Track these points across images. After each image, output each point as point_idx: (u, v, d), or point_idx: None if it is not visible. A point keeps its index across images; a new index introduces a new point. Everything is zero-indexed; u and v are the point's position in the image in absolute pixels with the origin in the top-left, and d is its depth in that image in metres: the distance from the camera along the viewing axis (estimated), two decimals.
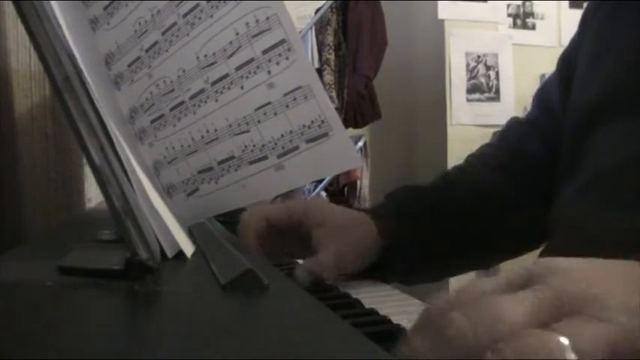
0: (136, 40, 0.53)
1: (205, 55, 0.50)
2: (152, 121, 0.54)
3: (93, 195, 0.90)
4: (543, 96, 0.81)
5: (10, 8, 0.69)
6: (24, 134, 0.74)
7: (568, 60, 0.73)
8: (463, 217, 0.74)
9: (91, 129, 0.40)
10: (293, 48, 0.47)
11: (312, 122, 0.48)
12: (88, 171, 0.83)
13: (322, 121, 0.48)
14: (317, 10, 2.96)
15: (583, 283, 0.30)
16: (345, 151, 0.49)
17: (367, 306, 0.53)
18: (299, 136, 0.49)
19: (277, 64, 0.48)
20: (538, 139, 0.78)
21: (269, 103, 0.49)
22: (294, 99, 0.48)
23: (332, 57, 2.92)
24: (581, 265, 0.33)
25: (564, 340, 0.27)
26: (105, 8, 0.53)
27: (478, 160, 0.85)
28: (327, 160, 0.49)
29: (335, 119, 0.48)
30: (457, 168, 0.83)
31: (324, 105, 0.48)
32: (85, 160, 0.40)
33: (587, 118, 0.64)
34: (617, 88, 0.61)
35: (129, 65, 0.53)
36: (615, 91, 0.61)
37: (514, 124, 0.89)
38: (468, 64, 2.97)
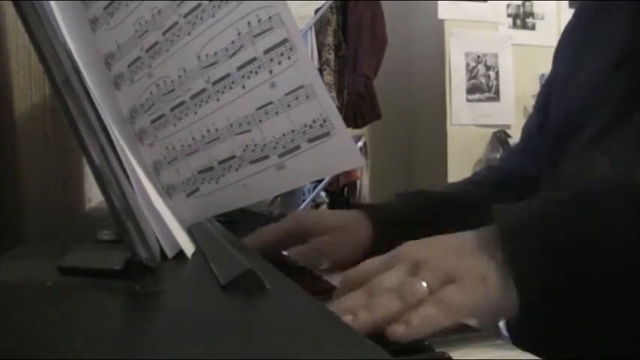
0: (136, 40, 0.53)
1: (206, 55, 0.50)
2: (152, 121, 0.54)
3: (93, 195, 0.90)
4: (525, 133, 0.86)
5: (10, 8, 0.69)
6: (24, 134, 0.74)
7: (545, 92, 0.79)
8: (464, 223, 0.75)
9: (91, 129, 0.40)
10: (295, 47, 0.47)
11: (314, 121, 0.48)
12: (88, 171, 0.83)
13: (324, 121, 0.48)
14: (317, 10, 2.95)
15: (443, 259, 0.45)
16: (347, 150, 0.49)
17: None
18: (300, 136, 0.49)
19: (279, 63, 0.48)
20: (533, 164, 0.80)
21: (270, 103, 0.49)
22: (296, 98, 0.48)
23: (332, 57, 2.92)
24: (427, 241, 0.48)
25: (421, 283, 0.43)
26: (105, 8, 0.53)
27: (482, 175, 0.87)
28: (328, 160, 0.49)
29: (337, 118, 0.48)
30: (463, 182, 0.85)
31: (325, 104, 0.47)
32: (85, 160, 0.40)
33: (567, 125, 0.67)
34: (591, 100, 0.64)
35: (129, 65, 0.53)
36: (590, 102, 0.64)
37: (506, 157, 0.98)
38: (467, 64, 2.97)
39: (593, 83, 0.65)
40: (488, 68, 2.99)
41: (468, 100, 2.96)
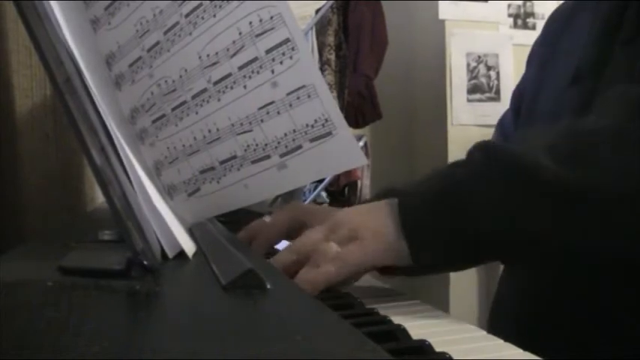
0: (137, 40, 0.53)
1: (208, 55, 0.50)
2: (154, 121, 0.54)
3: (94, 195, 0.90)
4: (500, 127, 0.93)
5: (10, 8, 0.69)
6: (24, 134, 0.74)
7: (518, 93, 0.86)
8: None
9: (92, 129, 0.40)
10: (297, 47, 0.47)
11: (316, 121, 0.48)
12: (88, 171, 0.83)
13: (326, 120, 0.48)
14: (317, 11, 2.95)
15: (352, 219, 0.56)
16: (349, 149, 0.49)
17: (368, 306, 0.53)
18: (302, 135, 0.49)
19: (281, 63, 0.48)
20: None
21: (272, 103, 0.49)
22: (298, 98, 0.48)
23: (332, 57, 2.92)
24: (351, 209, 0.59)
25: (332, 245, 0.54)
26: (106, 8, 0.53)
27: None
28: (330, 159, 0.49)
29: (339, 118, 0.48)
30: None
31: (328, 104, 0.47)
32: (85, 160, 0.40)
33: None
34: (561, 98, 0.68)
35: (130, 65, 0.53)
36: (550, 115, 0.71)
37: None
38: (468, 65, 2.97)
39: (553, 97, 0.71)
40: (489, 68, 2.99)
41: (469, 101, 2.96)
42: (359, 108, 2.86)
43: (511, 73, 2.99)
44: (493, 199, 0.51)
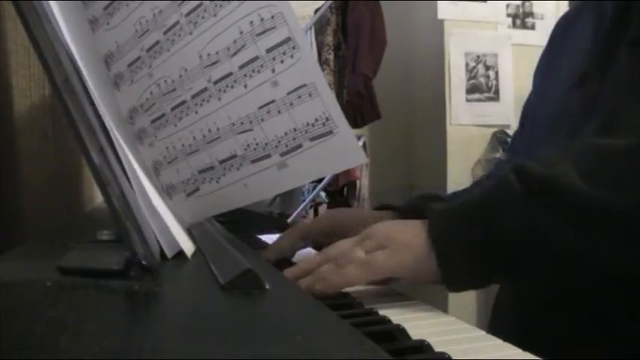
0: (136, 40, 0.52)
1: (208, 54, 0.50)
2: (153, 121, 0.54)
3: (93, 195, 0.90)
4: (511, 144, 0.95)
5: (10, 8, 0.69)
6: (23, 134, 0.74)
7: (525, 109, 0.87)
8: None
9: (90, 129, 0.39)
10: (298, 46, 0.47)
11: (317, 120, 0.48)
12: (87, 171, 0.83)
13: (327, 119, 0.48)
14: (316, 10, 2.95)
15: (386, 231, 0.56)
16: (350, 148, 0.49)
17: (367, 306, 0.53)
18: (303, 134, 0.49)
19: (282, 62, 0.47)
20: None
21: (273, 102, 0.49)
22: (299, 97, 0.48)
23: (331, 57, 2.92)
24: (387, 222, 0.59)
25: (360, 250, 0.55)
26: (105, 8, 0.53)
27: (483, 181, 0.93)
28: (331, 158, 0.49)
29: (340, 117, 0.48)
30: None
31: (328, 103, 0.47)
32: (84, 160, 0.40)
33: (535, 141, 0.74)
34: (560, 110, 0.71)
35: (129, 65, 0.53)
36: (553, 118, 0.72)
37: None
38: (467, 64, 2.97)
39: (558, 98, 0.72)
40: (487, 68, 2.99)
41: (468, 100, 2.95)
42: (358, 108, 2.86)
43: (510, 73, 2.99)
44: (528, 221, 0.52)
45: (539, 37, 3.01)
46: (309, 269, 0.56)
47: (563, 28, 0.80)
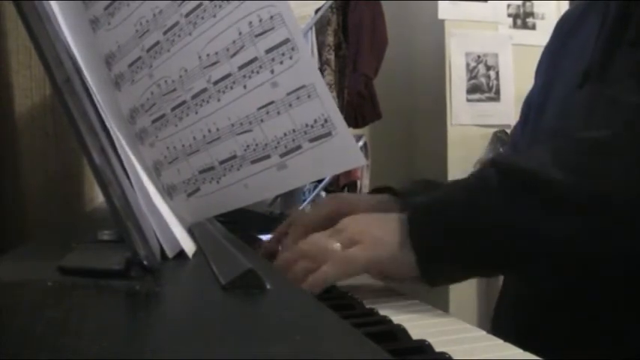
0: (136, 40, 0.53)
1: (208, 55, 0.50)
2: (153, 121, 0.54)
3: (93, 195, 0.90)
4: (511, 138, 0.95)
5: (10, 9, 0.69)
6: (25, 134, 0.74)
7: (527, 104, 0.87)
8: None
9: (91, 129, 0.40)
10: (297, 47, 0.47)
11: (316, 121, 0.48)
12: (88, 171, 0.83)
13: (325, 120, 0.48)
14: (317, 10, 2.95)
15: (361, 225, 0.57)
16: (349, 149, 0.49)
17: (368, 306, 0.53)
18: (302, 135, 0.49)
19: (281, 63, 0.48)
20: None
21: (272, 102, 0.49)
22: (298, 98, 0.48)
23: (332, 57, 2.92)
24: (363, 216, 0.60)
25: (337, 246, 0.55)
26: (105, 8, 0.53)
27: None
28: (330, 159, 0.49)
29: (338, 118, 0.48)
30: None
31: (327, 104, 0.47)
32: (85, 160, 0.40)
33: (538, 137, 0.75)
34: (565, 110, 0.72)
35: (129, 65, 0.53)
36: (558, 118, 0.72)
37: None
38: (468, 64, 2.97)
39: (562, 98, 0.71)
40: (488, 68, 2.99)
41: (469, 100, 2.95)
42: (358, 108, 2.86)
43: (510, 73, 2.99)
44: (506, 214, 0.53)
45: (540, 37, 3.01)
46: (283, 266, 0.57)
47: (568, 27, 0.80)
